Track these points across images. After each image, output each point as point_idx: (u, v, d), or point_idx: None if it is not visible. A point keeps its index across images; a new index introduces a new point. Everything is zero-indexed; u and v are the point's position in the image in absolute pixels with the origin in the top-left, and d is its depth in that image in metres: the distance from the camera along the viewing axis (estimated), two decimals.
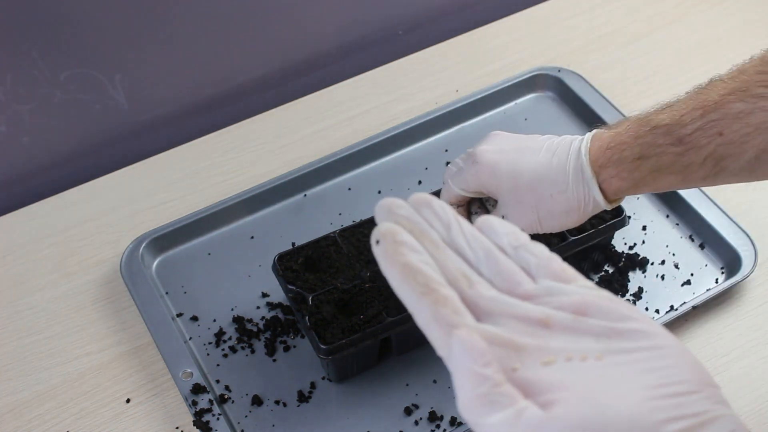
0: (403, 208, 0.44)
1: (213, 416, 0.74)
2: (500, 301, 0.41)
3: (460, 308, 0.40)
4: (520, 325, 0.41)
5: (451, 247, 0.44)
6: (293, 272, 0.77)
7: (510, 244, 0.44)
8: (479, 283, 0.42)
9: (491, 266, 0.43)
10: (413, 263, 0.41)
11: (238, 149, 0.98)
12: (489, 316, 0.41)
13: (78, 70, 0.92)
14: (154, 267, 0.87)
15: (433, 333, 0.40)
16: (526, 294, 0.42)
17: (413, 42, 1.09)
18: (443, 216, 0.44)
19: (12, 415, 0.77)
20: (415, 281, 0.41)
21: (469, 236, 0.44)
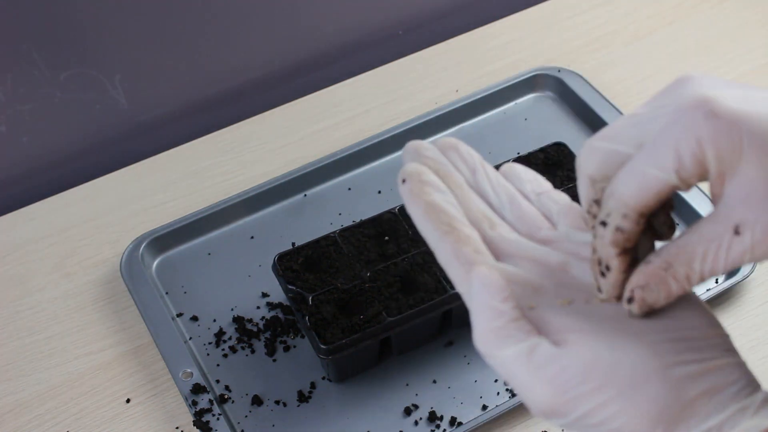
0: (430, 150, 0.44)
1: (213, 416, 0.74)
2: (520, 244, 0.42)
3: (481, 247, 0.41)
4: (539, 268, 0.42)
5: (475, 190, 0.45)
6: (293, 272, 0.77)
7: (533, 190, 0.45)
8: (501, 225, 0.43)
9: (514, 210, 0.44)
10: (437, 202, 0.42)
11: (238, 149, 0.98)
12: (509, 257, 0.42)
13: (78, 70, 0.92)
14: (154, 267, 0.87)
15: (454, 270, 0.41)
16: (546, 239, 0.43)
17: (413, 42, 1.09)
18: (469, 160, 0.45)
19: (12, 415, 0.77)
20: (438, 219, 0.41)
21: (493, 181, 0.45)
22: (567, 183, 0.82)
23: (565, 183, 0.82)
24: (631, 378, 0.37)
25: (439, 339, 0.80)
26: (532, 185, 0.45)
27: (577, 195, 0.52)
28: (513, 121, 0.98)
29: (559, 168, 0.83)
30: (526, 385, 0.38)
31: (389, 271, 0.76)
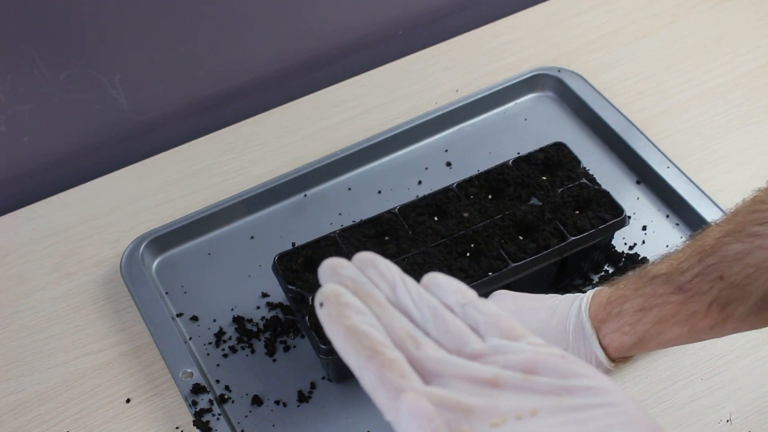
0: (347, 269, 0.43)
1: (213, 416, 0.74)
2: (448, 362, 0.40)
3: (407, 371, 0.39)
4: (469, 386, 0.40)
5: (397, 307, 0.43)
6: (293, 272, 0.77)
7: (457, 302, 0.43)
8: (426, 344, 0.41)
9: (438, 326, 0.42)
10: (358, 326, 0.40)
11: (238, 149, 0.98)
12: (437, 377, 0.40)
13: (78, 70, 0.92)
14: (154, 267, 0.87)
15: (380, 398, 0.39)
16: (474, 353, 0.41)
17: (413, 42, 1.09)
18: (388, 275, 0.43)
19: (12, 415, 0.77)
20: (360, 344, 0.40)
21: (415, 295, 0.43)
22: (567, 183, 0.82)
23: (565, 183, 0.82)
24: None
25: None
26: (455, 296, 0.43)
27: (581, 200, 0.52)
28: (513, 120, 0.98)
29: (559, 168, 0.83)
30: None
31: None
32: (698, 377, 0.77)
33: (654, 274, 0.61)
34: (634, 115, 0.97)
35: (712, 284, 0.58)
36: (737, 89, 1.00)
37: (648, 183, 0.91)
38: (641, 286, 0.61)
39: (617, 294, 0.63)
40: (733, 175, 0.92)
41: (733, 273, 0.57)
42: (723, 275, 0.58)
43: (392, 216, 0.80)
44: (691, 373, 0.77)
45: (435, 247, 0.77)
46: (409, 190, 0.91)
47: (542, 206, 0.79)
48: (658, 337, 0.61)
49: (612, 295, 0.63)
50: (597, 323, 0.63)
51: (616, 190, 0.85)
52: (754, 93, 0.99)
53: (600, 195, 0.81)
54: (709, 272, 0.58)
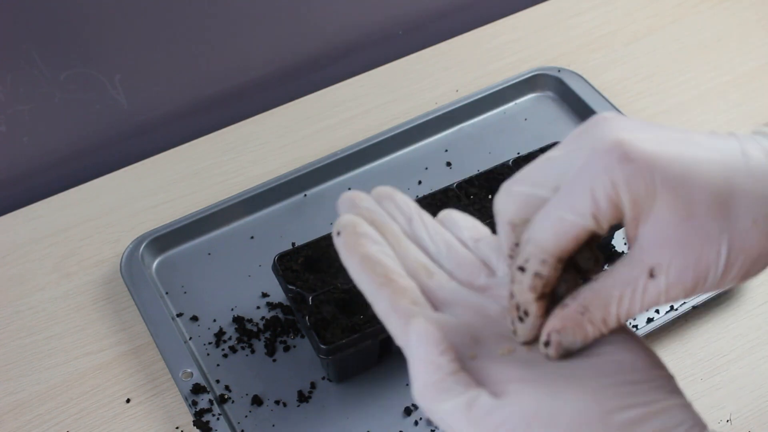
0: (365, 201, 0.44)
1: (213, 416, 0.74)
2: (460, 292, 0.42)
3: (419, 298, 0.40)
4: (479, 316, 0.41)
5: (412, 239, 0.44)
6: (293, 272, 0.77)
7: (471, 237, 0.44)
8: (439, 274, 0.42)
9: (452, 258, 0.43)
10: (373, 254, 0.41)
11: (238, 149, 0.98)
12: (448, 306, 0.41)
13: (78, 70, 0.92)
14: (154, 267, 0.87)
15: (392, 323, 0.40)
16: (485, 285, 0.42)
17: (413, 42, 1.09)
18: (405, 209, 0.44)
19: (12, 415, 0.77)
20: (374, 272, 0.41)
21: (430, 229, 0.44)
22: None
23: None
24: (572, 426, 0.36)
25: None
26: (470, 232, 0.44)
27: None
28: (513, 121, 0.98)
29: None
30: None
31: None
32: (698, 377, 0.77)
33: None
34: (635, 115, 0.97)
35: None
36: (738, 89, 1.00)
37: None
38: None
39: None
40: None
41: None
42: None
43: None
44: (691, 373, 0.77)
45: None
46: (409, 190, 0.91)
47: None
48: None
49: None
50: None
51: None
52: (754, 93, 0.99)
53: None
54: None
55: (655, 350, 0.79)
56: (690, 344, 0.79)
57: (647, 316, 0.80)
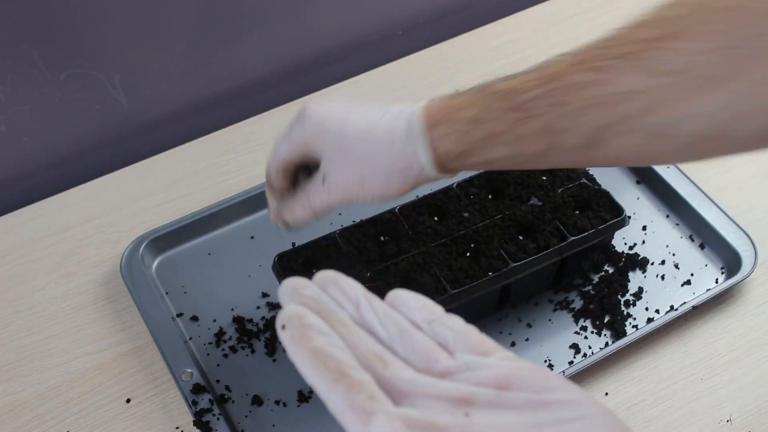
0: (308, 288, 0.41)
1: (213, 416, 0.74)
2: (418, 381, 0.39)
3: (376, 392, 0.38)
4: (442, 405, 0.38)
5: (362, 326, 0.41)
6: (293, 272, 0.77)
7: (424, 318, 0.42)
8: (394, 363, 0.40)
9: (406, 344, 0.41)
10: (323, 347, 0.38)
11: (238, 149, 0.98)
12: (407, 397, 0.39)
13: (78, 70, 0.92)
14: (154, 267, 0.87)
15: (349, 422, 0.37)
16: (444, 371, 0.40)
17: (413, 42, 1.09)
18: (351, 294, 0.42)
19: (12, 415, 0.77)
20: (326, 367, 0.38)
21: (380, 313, 0.41)
22: (567, 183, 0.82)
23: (565, 183, 0.82)
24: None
25: None
26: (422, 313, 0.41)
27: (581, 200, 0.53)
28: None
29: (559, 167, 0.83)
30: None
31: (389, 271, 0.76)
32: (698, 377, 0.77)
33: (495, 89, 0.59)
34: None
35: (547, 109, 0.57)
36: None
37: (648, 183, 0.91)
38: (480, 99, 0.59)
39: (454, 102, 0.61)
40: (733, 174, 0.92)
41: (570, 102, 0.56)
42: (560, 102, 0.56)
43: (392, 216, 0.80)
44: (691, 373, 0.77)
45: (435, 247, 0.77)
46: None
47: (542, 206, 0.79)
48: (484, 154, 0.60)
49: (450, 102, 0.61)
50: (428, 126, 0.61)
51: (616, 190, 0.85)
52: None
53: (600, 195, 0.81)
54: (547, 96, 0.57)
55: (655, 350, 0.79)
56: (690, 344, 0.79)
57: (647, 317, 0.80)
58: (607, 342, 0.79)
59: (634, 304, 0.81)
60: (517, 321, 0.81)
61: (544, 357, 0.78)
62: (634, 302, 0.81)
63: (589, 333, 0.80)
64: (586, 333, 0.80)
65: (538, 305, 0.82)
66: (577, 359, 0.78)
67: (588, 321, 0.81)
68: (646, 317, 0.80)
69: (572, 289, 0.83)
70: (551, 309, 0.82)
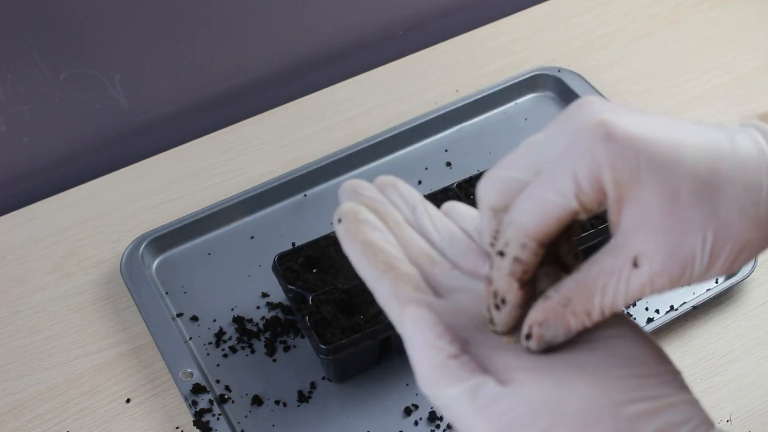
0: (367, 189, 0.43)
1: (213, 416, 0.74)
2: (463, 280, 0.41)
3: (421, 285, 0.40)
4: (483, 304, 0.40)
5: (415, 228, 0.43)
6: (293, 272, 0.77)
7: (475, 228, 0.43)
8: (442, 263, 0.42)
9: (455, 248, 0.42)
10: (375, 241, 0.40)
11: (238, 149, 0.98)
12: (452, 292, 0.41)
13: (78, 70, 0.92)
14: (154, 267, 0.87)
15: (392, 310, 0.39)
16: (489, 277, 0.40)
17: (413, 42, 1.09)
18: (409, 197, 0.43)
19: (12, 415, 0.77)
20: (376, 258, 0.40)
21: (434, 218, 0.43)
22: None
23: None
24: (580, 417, 0.35)
25: None
26: (473, 223, 0.43)
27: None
28: (513, 121, 0.98)
29: None
30: (471, 426, 0.36)
31: None
32: (698, 377, 0.77)
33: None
34: None
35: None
36: (738, 89, 1.00)
37: None
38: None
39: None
40: None
41: None
42: None
43: None
44: (691, 373, 0.77)
45: None
46: None
47: None
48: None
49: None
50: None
51: None
52: (754, 93, 0.99)
53: None
54: None
55: None
56: (690, 344, 0.79)
57: (647, 317, 0.80)
58: None
59: (634, 304, 0.81)
60: None
61: None
62: (634, 302, 0.81)
63: None
64: None
65: None
66: None
67: None
68: (645, 317, 0.80)
69: None
70: None
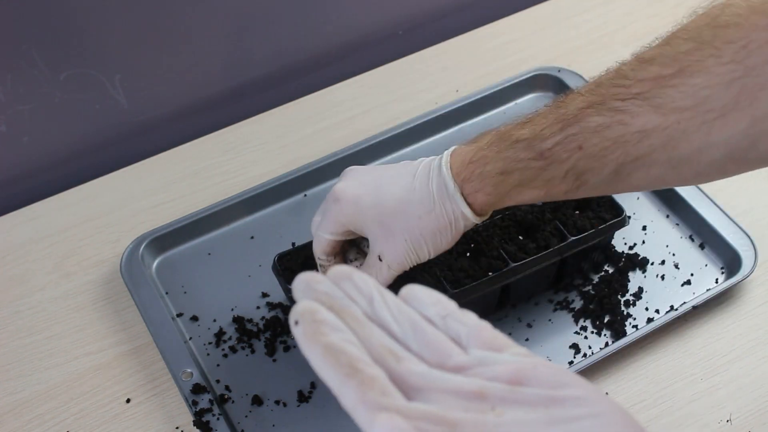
0: (321, 283, 0.41)
1: (213, 416, 0.74)
2: (431, 376, 0.39)
3: (388, 388, 0.38)
4: (454, 400, 0.39)
5: (375, 321, 0.41)
6: (293, 272, 0.77)
7: (437, 314, 0.42)
8: (407, 359, 0.40)
9: (419, 339, 0.41)
10: (336, 343, 0.39)
11: (238, 149, 0.98)
12: (420, 392, 0.39)
13: (78, 70, 0.92)
14: (154, 267, 0.87)
15: (361, 417, 0.37)
16: (457, 366, 0.40)
17: (413, 42, 1.09)
18: (365, 289, 0.42)
19: (12, 415, 0.77)
20: (339, 362, 0.38)
21: (393, 309, 0.42)
22: None
23: None
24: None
25: None
26: (435, 308, 0.42)
27: (581, 200, 0.54)
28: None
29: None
30: None
31: None
32: (698, 377, 0.77)
33: (516, 138, 0.63)
34: None
35: (570, 153, 0.60)
36: None
37: None
38: (503, 149, 0.63)
39: (479, 154, 0.64)
40: None
41: (592, 144, 0.59)
42: (582, 146, 0.60)
43: None
44: (691, 373, 0.77)
45: None
46: None
47: (542, 206, 0.79)
48: (517, 197, 0.64)
49: (474, 155, 0.64)
50: (460, 182, 0.65)
51: None
52: None
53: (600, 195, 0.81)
54: (569, 141, 0.60)
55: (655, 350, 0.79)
56: (690, 344, 0.79)
57: (647, 317, 0.80)
58: (607, 342, 0.79)
59: (634, 304, 0.81)
60: (517, 321, 0.81)
61: (544, 357, 0.78)
62: (634, 302, 0.81)
63: (589, 333, 0.80)
64: (586, 333, 0.80)
65: (538, 305, 0.82)
66: (577, 359, 0.78)
67: (588, 321, 0.81)
68: (646, 317, 0.80)
69: (572, 289, 0.83)
70: (551, 309, 0.82)
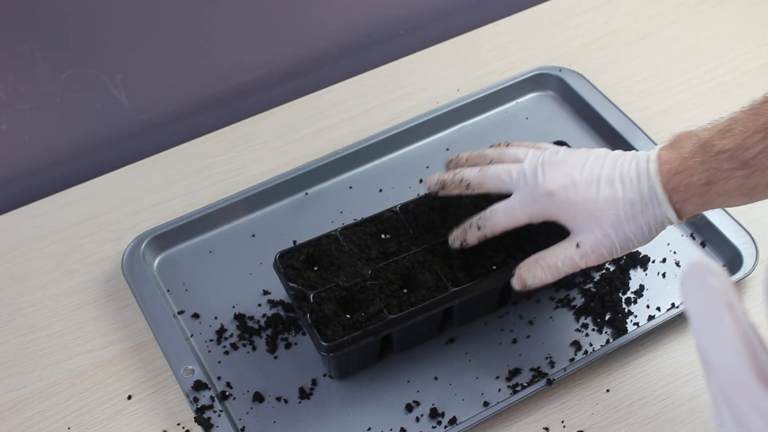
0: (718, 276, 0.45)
1: (214, 413, 0.74)
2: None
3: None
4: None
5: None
6: (294, 270, 0.77)
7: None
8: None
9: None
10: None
11: (239, 148, 0.98)
12: None
13: (79, 69, 0.92)
14: (156, 265, 0.87)
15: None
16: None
17: (414, 41, 1.10)
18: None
19: (13, 411, 0.77)
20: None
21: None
22: None
23: None
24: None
25: (440, 336, 0.80)
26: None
27: None
28: (514, 120, 0.98)
29: None
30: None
31: (390, 268, 0.76)
32: (699, 374, 0.77)
33: (719, 149, 0.65)
34: (635, 114, 0.97)
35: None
36: (738, 88, 1.00)
37: None
38: (707, 160, 0.65)
39: (685, 165, 0.66)
40: None
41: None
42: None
43: (393, 214, 0.80)
44: (692, 370, 0.77)
45: (436, 245, 0.77)
46: (411, 188, 0.91)
47: None
48: (720, 204, 0.67)
49: (680, 166, 0.66)
50: (668, 190, 0.67)
51: None
52: (755, 92, 0.98)
53: None
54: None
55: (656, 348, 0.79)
56: (691, 341, 0.79)
57: (648, 314, 0.80)
58: (609, 339, 0.79)
59: (635, 301, 0.81)
60: (519, 318, 0.81)
61: (546, 354, 0.78)
62: (635, 300, 0.81)
63: (590, 330, 0.80)
64: (588, 330, 0.80)
65: (540, 303, 0.82)
66: (578, 356, 0.78)
67: (589, 318, 0.81)
68: (647, 315, 0.80)
69: (573, 286, 0.83)
70: (552, 306, 0.82)
